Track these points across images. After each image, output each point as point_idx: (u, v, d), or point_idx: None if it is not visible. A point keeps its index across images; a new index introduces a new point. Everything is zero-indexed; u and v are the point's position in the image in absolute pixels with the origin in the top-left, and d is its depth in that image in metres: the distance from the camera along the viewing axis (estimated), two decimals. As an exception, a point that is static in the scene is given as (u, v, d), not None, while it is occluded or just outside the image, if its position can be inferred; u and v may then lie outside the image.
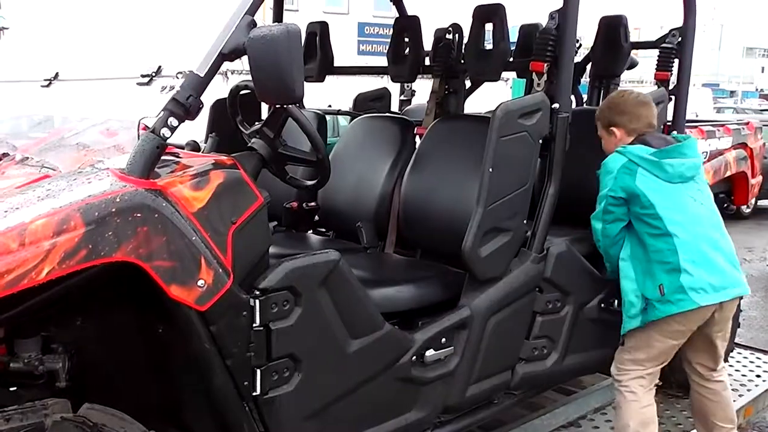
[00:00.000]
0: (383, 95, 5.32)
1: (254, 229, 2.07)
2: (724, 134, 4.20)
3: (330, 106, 9.25)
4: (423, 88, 4.68)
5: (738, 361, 4.36)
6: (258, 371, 2.10)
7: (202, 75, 1.95)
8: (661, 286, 2.74)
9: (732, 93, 47.41)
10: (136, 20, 2.45)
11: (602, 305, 3.07)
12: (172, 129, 1.92)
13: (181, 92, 1.92)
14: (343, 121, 8.67)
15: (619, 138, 2.96)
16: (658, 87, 3.51)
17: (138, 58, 2.23)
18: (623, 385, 2.91)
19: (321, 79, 4.27)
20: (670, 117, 3.51)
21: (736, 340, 4.28)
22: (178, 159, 2.16)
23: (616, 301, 3.04)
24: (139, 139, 1.94)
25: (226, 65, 2.02)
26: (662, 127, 3.44)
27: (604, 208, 2.85)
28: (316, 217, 3.70)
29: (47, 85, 2.59)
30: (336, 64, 4.41)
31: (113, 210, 1.79)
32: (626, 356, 2.91)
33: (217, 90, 2.57)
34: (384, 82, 4.66)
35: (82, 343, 2.16)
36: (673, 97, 3.51)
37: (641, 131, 2.92)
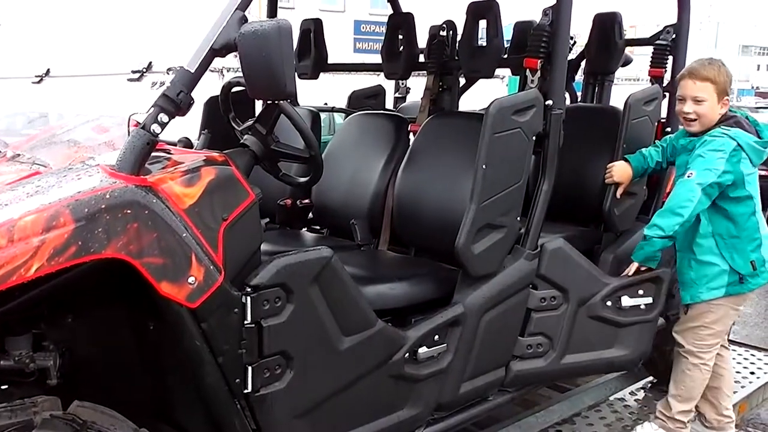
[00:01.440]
0: (378, 92, 5.31)
1: (245, 225, 2.06)
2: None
3: (326, 103, 9.24)
4: (418, 85, 4.68)
5: (733, 358, 4.35)
6: (250, 368, 2.09)
7: (192, 71, 1.94)
8: (753, 261, 3.00)
9: (728, 91, 47.37)
10: (128, 16, 2.44)
11: (607, 303, 3.05)
12: (163, 125, 1.91)
13: (171, 88, 1.91)
14: (339, 118, 8.65)
15: (724, 110, 2.98)
16: (653, 84, 3.51)
17: (129, 54, 2.21)
18: (705, 362, 3.10)
19: (315, 77, 4.26)
20: (664, 114, 3.51)
21: (731, 337, 4.28)
22: (169, 155, 2.15)
23: (623, 298, 3.06)
24: (129, 135, 1.93)
25: (221, 62, 2.01)
26: (656, 124, 3.44)
27: (710, 183, 2.85)
28: (310, 215, 3.70)
29: (38, 82, 2.58)
30: (332, 61, 4.40)
31: (103, 206, 1.78)
32: (705, 332, 3.07)
33: (212, 87, 2.57)
34: (380, 79, 4.65)
35: (74, 340, 2.15)
36: (667, 94, 3.51)
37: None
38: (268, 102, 2.25)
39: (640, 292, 3.09)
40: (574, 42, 4.31)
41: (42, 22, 2.89)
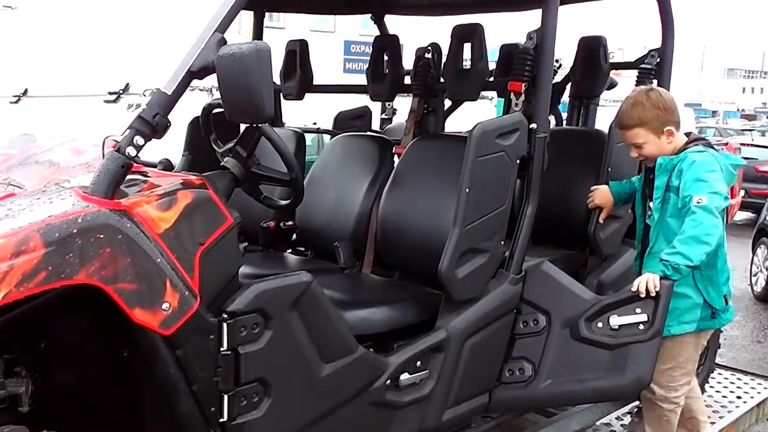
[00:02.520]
0: (364, 113, 5.29)
1: (223, 250, 2.03)
2: (704, 155, 4.20)
3: (315, 123, 9.23)
4: (404, 106, 4.67)
5: (719, 382, 4.34)
6: (225, 396, 2.05)
7: (169, 93, 1.92)
8: (726, 295, 2.88)
9: (714, 113, 48.02)
10: (106, 38, 2.42)
11: (598, 324, 2.84)
12: (138, 148, 1.88)
13: (147, 110, 1.89)
14: (328, 138, 8.64)
15: (676, 138, 2.85)
16: None
17: (107, 76, 2.19)
18: (680, 403, 2.97)
19: (300, 98, 4.24)
20: None
21: (717, 360, 4.27)
22: (146, 178, 2.12)
23: (611, 318, 2.81)
24: (104, 157, 1.90)
25: (212, 81, 1.99)
26: None
27: (720, 208, 2.68)
28: (294, 236, 3.66)
29: (16, 102, 2.54)
30: (323, 81, 4.39)
31: (75, 231, 1.75)
32: (679, 372, 2.91)
33: (201, 106, 2.54)
34: (369, 100, 4.63)
35: (46, 366, 2.10)
36: (652, 118, 3.51)
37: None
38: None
39: (637, 310, 2.79)
40: (560, 65, 4.32)
41: (21, 43, 2.87)
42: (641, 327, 2.74)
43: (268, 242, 3.57)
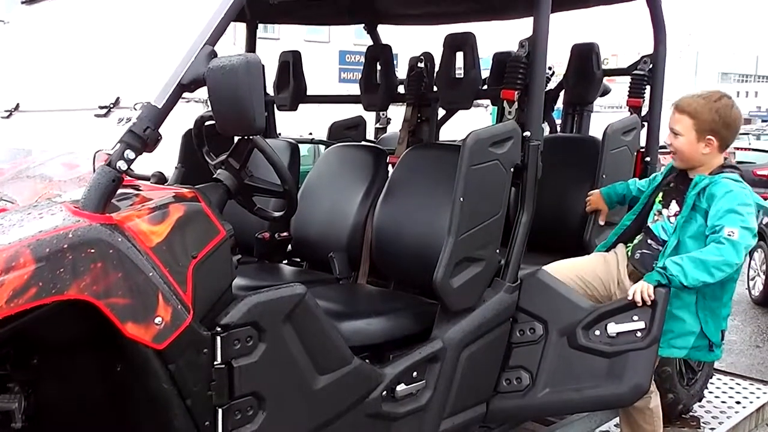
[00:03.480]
0: (358, 123, 5.30)
1: (216, 263, 2.02)
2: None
3: (311, 133, 9.24)
4: (399, 115, 4.68)
5: (717, 387, 4.33)
6: (220, 410, 2.04)
7: (160, 106, 1.91)
8: (723, 331, 2.79)
9: (709, 118, 48.09)
10: (97, 52, 2.41)
11: (595, 332, 2.81)
12: (129, 162, 1.87)
13: (137, 124, 1.88)
14: (323, 149, 8.65)
15: (710, 152, 2.74)
16: (631, 114, 3.51)
17: (98, 90, 2.18)
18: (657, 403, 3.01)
19: (294, 108, 4.25)
20: (643, 143, 3.51)
21: (716, 365, 4.25)
22: (138, 192, 2.11)
23: (609, 326, 2.78)
24: (95, 171, 1.89)
25: (205, 93, 1.98)
26: (635, 154, 3.44)
27: (749, 247, 2.59)
28: (289, 247, 3.65)
29: (7, 117, 2.54)
30: (319, 91, 4.39)
31: (65, 246, 1.73)
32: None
33: (193, 118, 2.53)
34: (363, 109, 4.64)
35: (39, 382, 2.08)
36: (645, 124, 3.51)
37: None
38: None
39: (634, 317, 2.77)
40: (552, 72, 4.33)
41: (12, 56, 2.86)
42: (638, 334, 2.73)
43: (263, 253, 3.56)
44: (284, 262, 3.69)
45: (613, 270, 2.98)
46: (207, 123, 2.43)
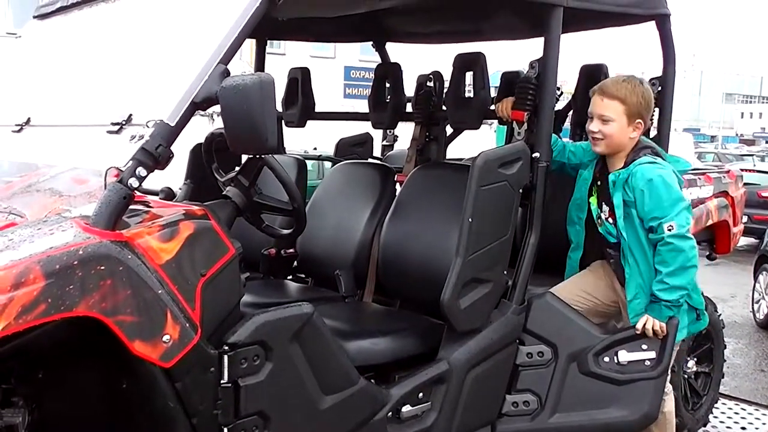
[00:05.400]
0: (365, 140, 5.30)
1: (225, 281, 2.02)
2: (705, 183, 4.20)
3: (316, 149, 9.26)
4: (406, 132, 4.68)
5: (722, 412, 4.30)
6: (225, 429, 2.03)
7: (172, 124, 1.91)
8: (703, 294, 2.92)
9: (713, 138, 48.19)
10: (110, 68, 2.42)
11: (604, 358, 2.83)
12: (141, 179, 1.87)
13: (150, 141, 1.88)
14: (329, 164, 8.66)
15: (636, 135, 2.79)
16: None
17: (110, 106, 2.18)
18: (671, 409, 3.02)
19: (302, 125, 4.26)
20: None
21: (720, 390, 4.23)
22: (148, 208, 2.11)
23: (620, 353, 2.82)
24: (106, 188, 1.89)
25: (212, 108, 1.99)
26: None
27: (689, 223, 2.68)
28: (295, 264, 3.65)
29: (18, 131, 2.54)
30: (323, 106, 4.40)
31: (75, 262, 1.73)
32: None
33: (202, 132, 2.54)
34: (369, 126, 4.65)
35: (44, 396, 2.08)
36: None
37: None
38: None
39: (644, 346, 2.82)
40: (561, 93, 4.33)
41: (25, 71, 2.87)
42: (647, 363, 2.77)
43: (268, 269, 3.55)
44: (289, 278, 3.68)
45: (610, 278, 3.00)
46: (217, 139, 2.44)
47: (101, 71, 2.44)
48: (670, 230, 2.67)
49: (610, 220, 2.85)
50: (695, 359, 3.84)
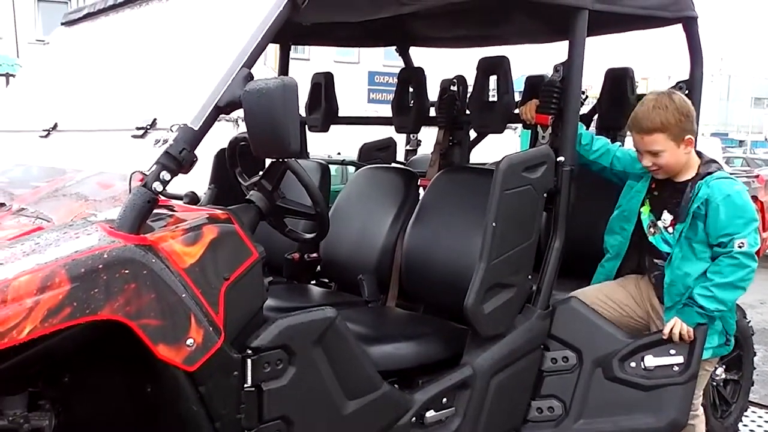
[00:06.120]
0: (389, 145, 5.30)
1: (248, 285, 2.02)
2: (734, 187, 4.13)
3: (339, 153, 9.28)
4: (429, 137, 4.67)
5: (753, 421, 4.22)
6: None
7: (196, 128, 1.92)
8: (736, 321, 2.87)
9: (741, 142, 47.56)
10: (135, 73, 2.44)
11: (630, 364, 2.79)
12: (165, 183, 1.88)
13: (174, 145, 1.89)
14: (352, 169, 8.68)
15: (689, 150, 2.70)
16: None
17: (135, 110, 2.20)
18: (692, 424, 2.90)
19: (326, 129, 4.27)
20: None
21: (750, 398, 4.15)
22: (172, 212, 2.12)
23: (646, 358, 2.78)
24: (130, 192, 1.90)
25: (237, 113, 1.99)
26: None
27: (758, 245, 2.62)
28: (318, 268, 3.65)
29: (45, 136, 2.57)
30: (347, 111, 4.41)
31: (100, 266, 1.74)
32: (696, 400, 2.89)
33: (227, 137, 2.56)
34: (393, 130, 4.66)
35: (70, 399, 2.09)
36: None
37: None
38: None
39: (671, 351, 2.78)
40: (586, 96, 4.29)
41: (52, 76, 2.91)
42: (675, 369, 2.73)
43: (292, 274, 3.56)
44: (312, 282, 3.68)
45: (645, 293, 2.94)
46: (241, 143, 2.45)
47: (127, 76, 2.46)
48: (741, 247, 2.60)
49: (670, 229, 2.77)
50: (724, 366, 3.77)
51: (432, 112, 4.10)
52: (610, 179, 3.00)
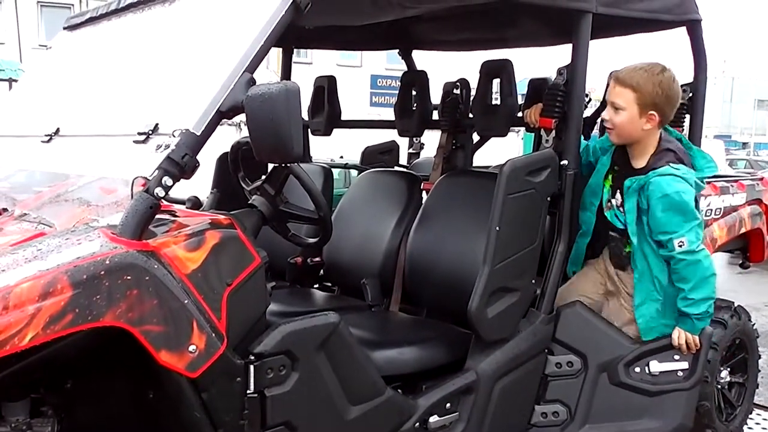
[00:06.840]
0: (391, 148, 5.28)
1: (250, 291, 2.01)
2: (738, 190, 4.11)
3: (342, 157, 9.28)
4: (432, 140, 4.66)
5: (757, 423, 4.20)
6: None
7: (198, 133, 1.91)
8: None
9: (744, 145, 47.49)
10: (137, 78, 2.43)
11: (634, 369, 2.81)
12: (167, 188, 1.87)
13: (176, 151, 1.88)
14: (355, 172, 8.67)
15: (651, 128, 2.66)
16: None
17: (137, 115, 2.19)
18: None
19: (328, 133, 4.26)
20: None
21: (755, 400, 4.13)
22: (174, 218, 2.11)
23: (651, 363, 2.79)
24: (132, 197, 1.89)
25: (239, 117, 1.99)
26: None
27: (701, 237, 2.63)
28: (321, 272, 3.64)
29: (47, 141, 2.57)
30: (350, 115, 4.40)
31: (102, 272, 1.73)
32: None
33: (229, 141, 2.55)
34: (395, 134, 4.66)
35: (72, 406, 2.09)
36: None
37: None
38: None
39: (676, 357, 2.80)
40: (589, 99, 4.28)
41: (54, 81, 2.90)
42: (680, 374, 2.75)
43: (295, 278, 3.55)
44: (316, 287, 3.68)
45: (601, 269, 2.96)
46: (243, 148, 2.44)
47: (129, 81, 2.46)
48: (680, 246, 2.62)
49: (621, 209, 2.79)
50: (729, 369, 3.75)
51: (435, 116, 4.10)
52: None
